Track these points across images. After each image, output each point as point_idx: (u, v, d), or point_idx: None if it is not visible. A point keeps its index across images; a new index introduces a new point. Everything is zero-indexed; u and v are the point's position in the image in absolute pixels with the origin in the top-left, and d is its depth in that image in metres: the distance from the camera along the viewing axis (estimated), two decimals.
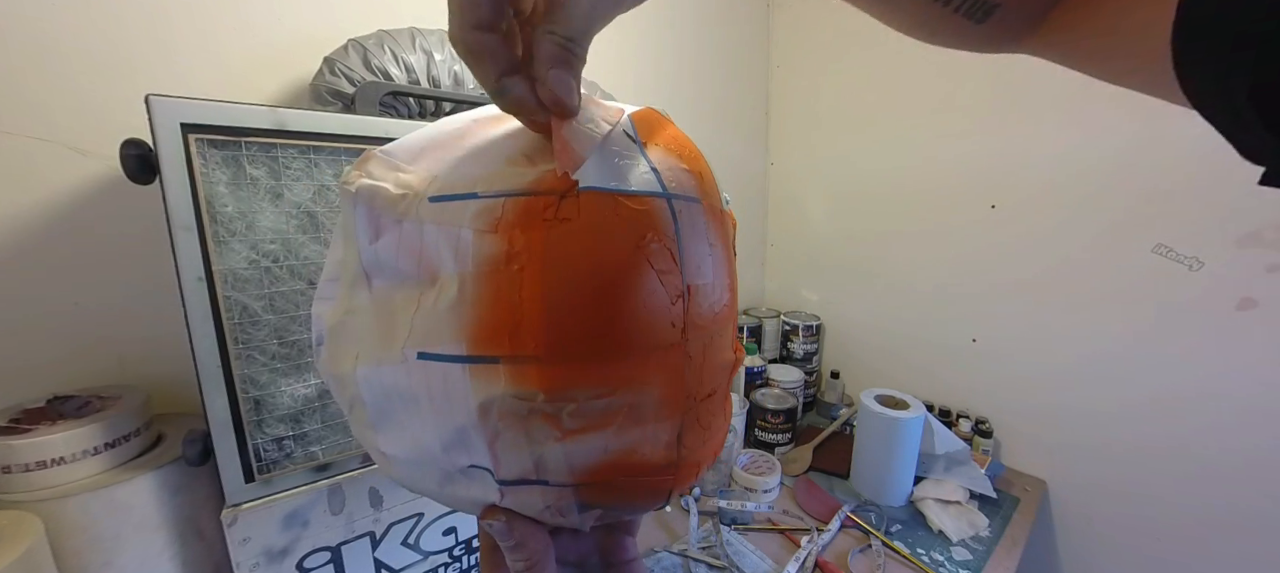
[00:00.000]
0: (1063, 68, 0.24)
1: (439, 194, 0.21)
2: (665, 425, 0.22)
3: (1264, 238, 0.70)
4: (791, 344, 1.18)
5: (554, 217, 0.19)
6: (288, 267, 0.45)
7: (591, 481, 0.21)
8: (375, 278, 0.22)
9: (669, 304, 0.21)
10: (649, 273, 0.20)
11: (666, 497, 0.24)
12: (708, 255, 0.23)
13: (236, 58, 0.59)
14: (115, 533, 0.44)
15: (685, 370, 0.22)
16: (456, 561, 0.57)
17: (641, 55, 0.99)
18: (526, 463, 0.21)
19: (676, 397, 0.22)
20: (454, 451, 0.21)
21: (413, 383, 0.20)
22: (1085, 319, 0.86)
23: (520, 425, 0.20)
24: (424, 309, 0.20)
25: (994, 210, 0.94)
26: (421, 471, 0.22)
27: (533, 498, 0.21)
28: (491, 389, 0.19)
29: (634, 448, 0.21)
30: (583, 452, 0.20)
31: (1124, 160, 0.79)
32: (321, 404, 0.48)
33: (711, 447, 0.25)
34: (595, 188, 0.20)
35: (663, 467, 0.22)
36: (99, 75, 0.51)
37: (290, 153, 0.44)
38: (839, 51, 1.13)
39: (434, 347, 0.20)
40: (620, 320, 0.20)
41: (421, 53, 0.58)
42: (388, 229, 0.21)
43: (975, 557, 0.74)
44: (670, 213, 0.21)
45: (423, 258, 0.21)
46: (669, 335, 0.21)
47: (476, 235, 0.20)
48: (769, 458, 0.90)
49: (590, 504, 0.22)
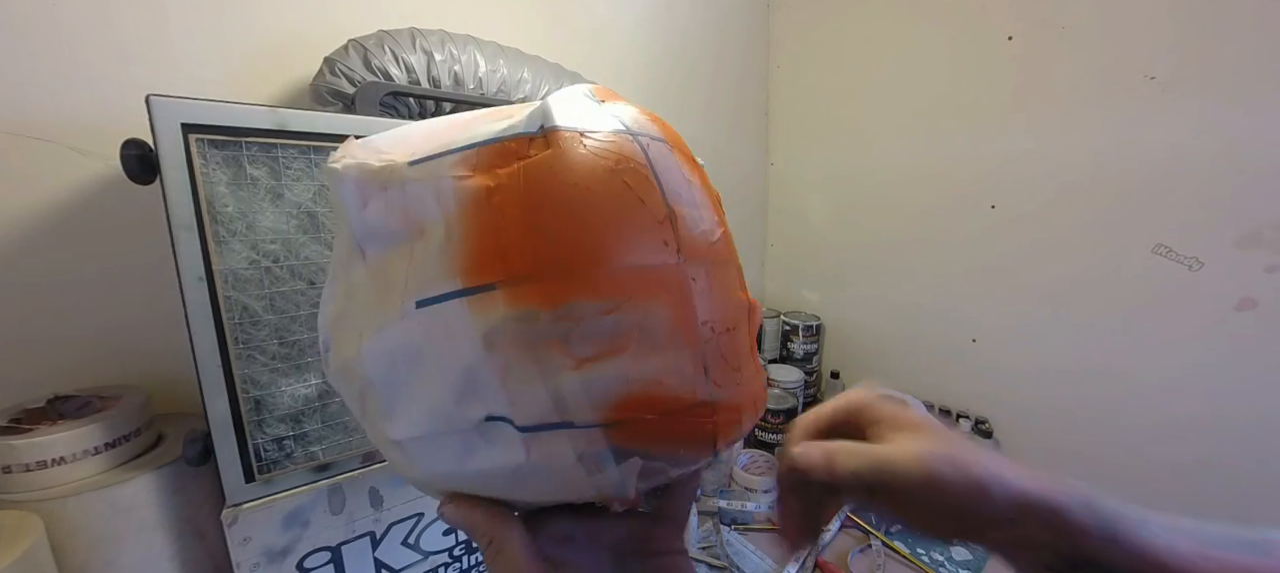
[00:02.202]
0: (1062, 68, 0.24)
1: (417, 158, 0.22)
2: (685, 355, 0.21)
3: (1264, 238, 0.70)
4: (791, 344, 1.18)
5: (526, 153, 0.21)
6: (288, 267, 0.45)
7: (620, 418, 0.20)
8: (368, 248, 0.22)
9: (655, 223, 0.21)
10: (627, 192, 0.21)
11: (712, 444, 0.23)
12: (686, 185, 0.23)
13: (237, 58, 0.59)
14: (116, 533, 0.44)
15: (692, 294, 0.22)
16: (456, 561, 0.57)
17: (642, 55, 0.99)
18: (544, 400, 0.20)
19: (688, 321, 0.22)
20: (467, 400, 0.20)
21: (415, 335, 0.20)
22: (1085, 319, 0.86)
23: (529, 354, 0.20)
24: (416, 260, 0.21)
25: (994, 210, 0.94)
26: (439, 446, 0.22)
27: (561, 448, 0.20)
28: (492, 316, 0.19)
29: (658, 379, 0.21)
30: (602, 382, 0.20)
31: (1124, 161, 0.79)
32: (322, 404, 0.48)
33: (748, 391, 0.25)
34: (563, 128, 0.21)
35: (697, 404, 0.22)
36: (99, 75, 0.51)
37: (291, 153, 0.44)
38: (839, 52, 1.13)
39: (430, 291, 0.20)
40: (607, 233, 0.20)
41: (422, 53, 0.58)
42: (374, 197, 0.22)
43: (975, 557, 0.74)
44: (639, 146, 0.22)
45: (408, 214, 0.21)
46: (663, 254, 0.21)
47: (456, 181, 0.21)
48: (769, 458, 0.90)
49: (625, 448, 0.21)
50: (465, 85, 0.60)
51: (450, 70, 0.59)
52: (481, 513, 0.23)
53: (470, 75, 0.61)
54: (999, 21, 0.89)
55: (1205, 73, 0.72)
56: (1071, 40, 0.81)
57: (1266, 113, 0.68)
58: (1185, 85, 0.74)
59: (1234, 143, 0.71)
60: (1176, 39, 0.73)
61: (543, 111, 0.22)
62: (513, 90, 0.65)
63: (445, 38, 0.61)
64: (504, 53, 0.65)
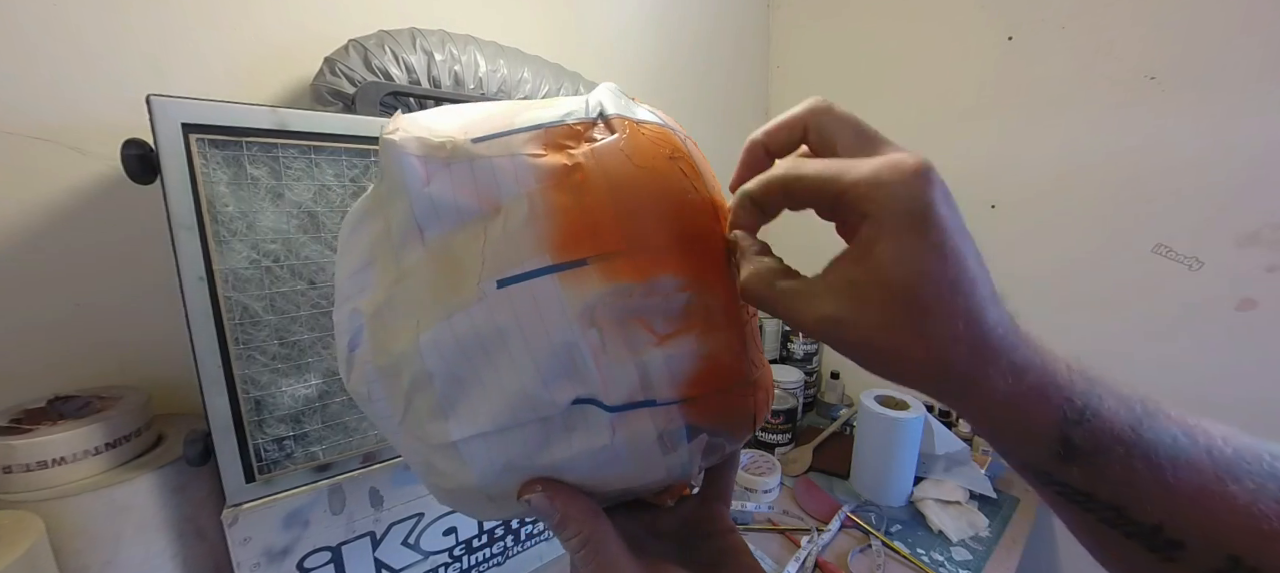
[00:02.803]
0: (1063, 68, 0.24)
1: (480, 136, 0.21)
2: (733, 334, 0.23)
3: (1264, 238, 0.70)
4: (791, 344, 1.18)
5: (591, 136, 0.22)
6: (288, 267, 0.45)
7: (692, 393, 0.21)
8: (429, 229, 0.21)
9: (706, 209, 0.23)
10: (683, 179, 0.22)
11: (753, 421, 0.24)
12: (714, 177, 0.25)
13: (237, 58, 0.58)
14: (116, 533, 0.44)
15: (734, 279, 0.22)
16: (457, 561, 0.57)
17: (641, 55, 0.99)
18: (633, 377, 0.20)
19: (733, 304, 0.23)
20: (557, 382, 0.20)
21: (497, 317, 0.19)
22: (1085, 319, 0.86)
23: (620, 331, 0.20)
24: (493, 238, 0.20)
25: (994, 210, 0.94)
26: (512, 439, 0.20)
27: (644, 425, 0.21)
28: (587, 291, 0.19)
29: (716, 355, 0.22)
30: (680, 358, 0.21)
31: (1124, 160, 0.80)
32: (322, 404, 0.48)
33: (766, 381, 0.26)
34: (615, 116, 0.22)
35: (743, 379, 0.23)
36: (99, 75, 0.51)
37: (291, 153, 0.44)
38: (839, 52, 1.13)
39: (515, 269, 0.19)
40: (677, 216, 0.22)
41: (422, 53, 0.58)
42: (438, 171, 0.20)
43: (975, 557, 0.74)
44: (681, 138, 0.24)
45: (480, 190, 0.20)
46: (716, 238, 0.23)
47: (531, 158, 0.21)
48: (769, 458, 0.90)
49: (696, 425, 0.22)
50: (465, 85, 0.60)
51: (451, 70, 0.59)
52: (579, 507, 0.21)
53: (470, 75, 0.61)
54: (999, 21, 0.89)
55: (1205, 73, 0.72)
56: (1071, 40, 0.81)
57: (1266, 113, 0.68)
58: (1185, 85, 0.74)
59: (1234, 143, 0.71)
60: (1177, 39, 0.73)
61: (599, 101, 0.23)
62: (513, 90, 0.65)
63: (445, 38, 0.61)
64: (504, 53, 0.65)
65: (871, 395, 0.86)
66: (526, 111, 0.23)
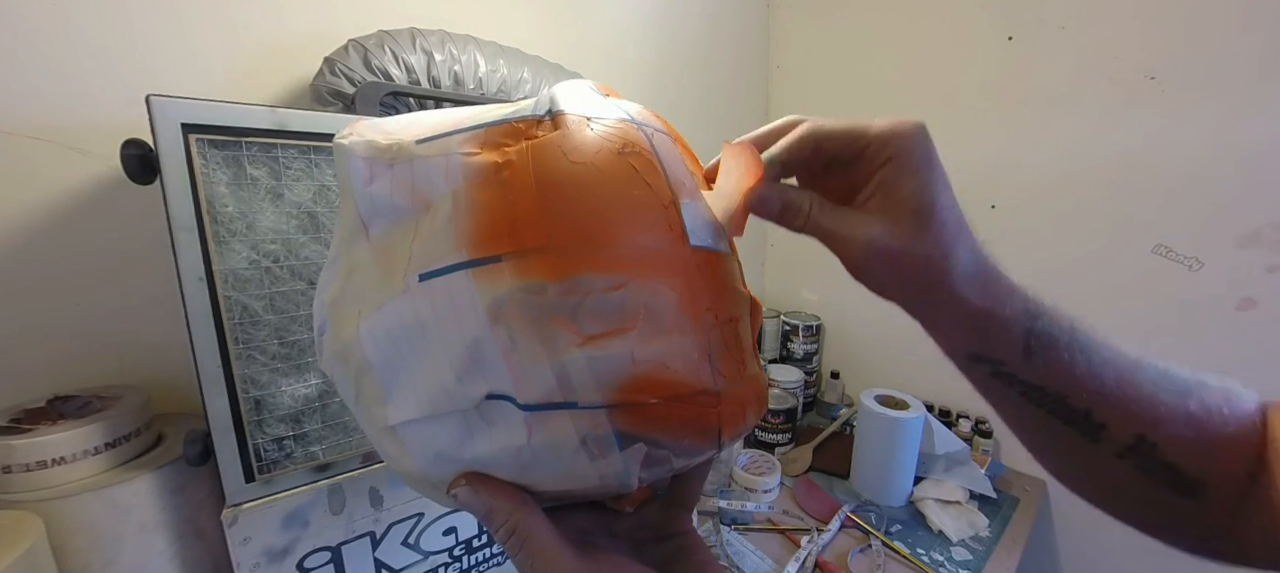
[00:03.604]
0: (1063, 68, 0.26)
1: (424, 137, 0.22)
2: (691, 341, 0.21)
3: (1264, 238, 0.70)
4: (791, 344, 1.18)
5: (534, 133, 0.21)
6: (288, 267, 0.45)
7: (625, 400, 0.20)
8: (372, 224, 0.22)
9: (661, 207, 0.21)
10: (634, 175, 0.21)
11: (717, 435, 0.22)
12: (688, 176, 0.24)
13: (237, 58, 0.59)
14: (115, 533, 0.44)
15: (697, 278, 0.22)
16: (456, 561, 0.57)
17: (641, 55, 0.99)
18: (548, 378, 0.19)
19: (695, 306, 0.21)
20: (469, 377, 0.20)
21: (418, 310, 0.20)
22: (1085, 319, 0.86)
23: (535, 329, 0.19)
24: (422, 233, 0.20)
25: (994, 210, 0.94)
26: (438, 429, 0.21)
27: (564, 428, 0.20)
28: (498, 287, 0.19)
29: (664, 362, 0.20)
30: (608, 360, 0.19)
31: (1124, 160, 0.80)
32: (322, 404, 0.48)
33: (752, 386, 0.24)
34: (569, 112, 0.22)
35: (702, 392, 0.21)
36: (99, 75, 0.51)
37: (291, 153, 0.44)
38: (838, 52, 1.13)
39: (435, 263, 0.20)
40: (615, 211, 0.20)
41: (422, 53, 0.58)
42: (380, 173, 0.22)
43: (975, 557, 0.74)
44: (644, 134, 0.23)
45: (415, 189, 0.21)
46: (669, 237, 0.21)
47: (465, 157, 0.21)
48: (769, 458, 0.90)
49: (630, 433, 0.20)
50: (465, 85, 0.60)
51: (450, 70, 0.59)
52: (504, 497, 0.21)
53: (470, 75, 0.61)
54: (999, 21, 0.89)
55: (1205, 73, 0.72)
56: (1071, 40, 0.81)
57: (1266, 113, 0.68)
58: (1185, 85, 0.74)
59: (1234, 143, 0.71)
60: (1177, 39, 0.73)
61: (550, 96, 0.22)
62: (513, 90, 0.65)
63: (445, 38, 0.61)
64: (504, 53, 0.65)
65: (872, 395, 0.86)
66: (482, 113, 0.23)
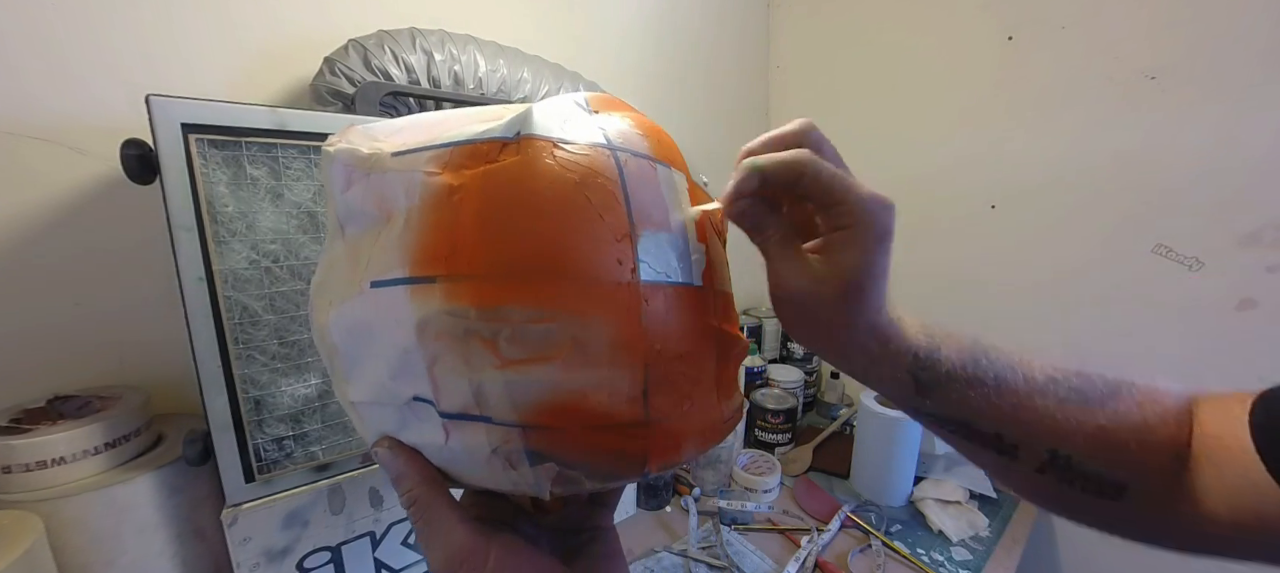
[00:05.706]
0: (1063, 68, 0.25)
1: (401, 150, 0.23)
2: (623, 374, 0.21)
3: (1264, 238, 0.70)
4: (791, 344, 1.18)
5: (496, 157, 0.22)
6: (288, 267, 0.45)
7: (539, 423, 0.21)
8: (347, 226, 0.24)
9: (613, 240, 0.21)
10: (586, 206, 0.21)
11: (641, 466, 0.22)
12: (660, 205, 0.24)
13: (237, 58, 0.58)
14: (115, 533, 0.44)
15: (640, 314, 0.21)
16: None
17: (641, 55, 0.99)
18: (466, 393, 0.21)
19: (632, 342, 0.21)
20: (400, 378, 0.22)
21: (368, 312, 0.22)
22: (1085, 319, 0.86)
23: (457, 348, 0.20)
24: (379, 243, 0.22)
25: (994, 210, 0.94)
26: (381, 413, 0.23)
27: (478, 438, 0.21)
28: (427, 306, 0.20)
29: (586, 392, 0.21)
30: (525, 385, 0.20)
31: (1124, 160, 0.80)
32: (322, 404, 0.48)
33: (697, 421, 0.24)
34: (538, 136, 0.22)
35: (627, 424, 0.22)
36: (99, 75, 0.51)
37: (291, 153, 0.45)
38: (838, 52, 1.13)
39: (383, 274, 0.22)
40: (556, 244, 0.21)
41: (422, 53, 0.58)
42: (357, 181, 0.23)
43: (975, 557, 0.74)
44: (615, 161, 0.23)
45: (381, 200, 0.23)
46: (614, 271, 0.21)
47: (425, 176, 0.22)
48: (769, 458, 0.90)
49: (542, 453, 0.21)
50: (465, 85, 0.60)
51: (450, 70, 0.59)
52: (415, 468, 0.23)
53: (470, 75, 0.61)
54: (999, 21, 0.89)
55: (1205, 73, 0.72)
56: (1071, 40, 0.81)
57: (1267, 113, 0.68)
58: (1185, 85, 0.74)
59: (1234, 143, 0.71)
60: (1177, 39, 0.73)
61: (522, 118, 0.22)
62: (513, 90, 0.65)
63: (445, 38, 0.61)
64: (504, 53, 0.65)
65: (872, 395, 0.86)
66: (460, 126, 0.23)
